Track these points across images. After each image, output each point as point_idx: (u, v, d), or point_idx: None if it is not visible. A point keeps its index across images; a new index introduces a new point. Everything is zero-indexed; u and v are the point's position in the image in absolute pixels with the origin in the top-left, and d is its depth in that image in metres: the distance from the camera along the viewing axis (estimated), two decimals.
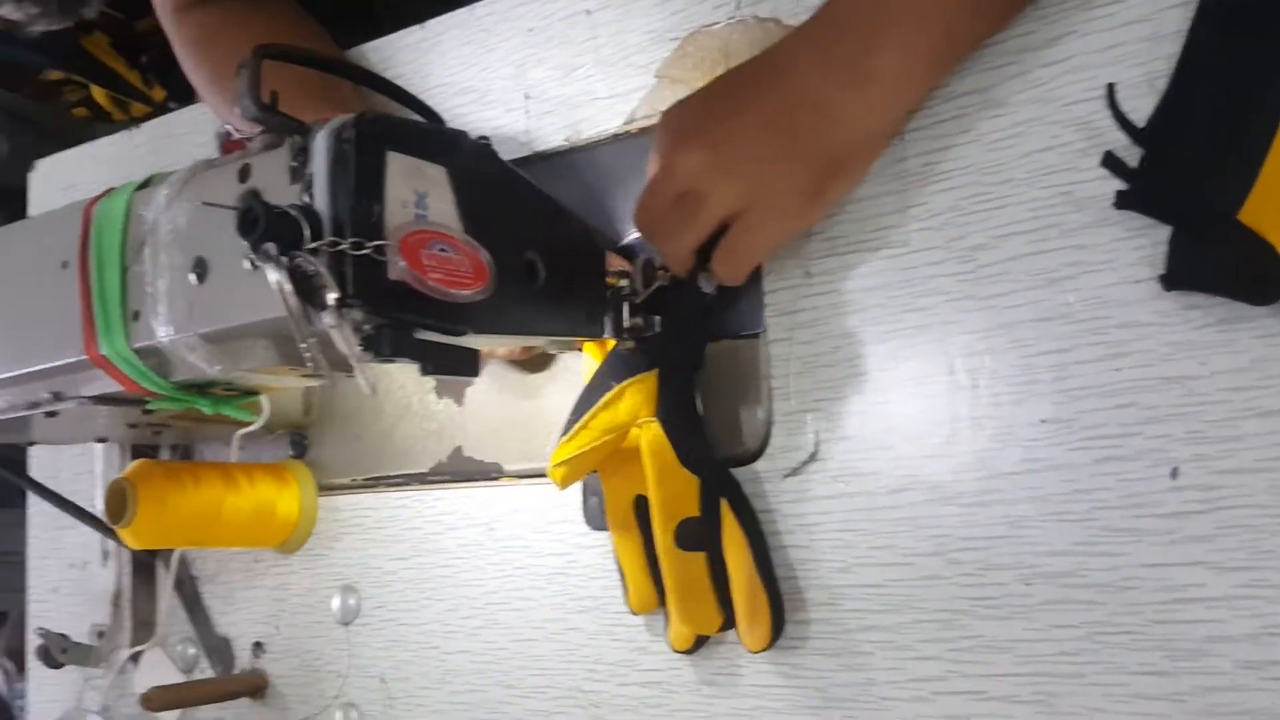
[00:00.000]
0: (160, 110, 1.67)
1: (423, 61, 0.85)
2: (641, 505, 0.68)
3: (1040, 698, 0.57)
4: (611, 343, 0.69)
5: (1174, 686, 0.54)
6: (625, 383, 0.66)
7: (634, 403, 0.66)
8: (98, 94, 1.72)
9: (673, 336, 0.68)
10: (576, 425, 0.66)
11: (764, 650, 0.64)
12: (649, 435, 0.66)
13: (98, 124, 1.96)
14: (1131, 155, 0.55)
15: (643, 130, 0.75)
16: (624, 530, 0.69)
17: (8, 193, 1.83)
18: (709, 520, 0.64)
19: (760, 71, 0.62)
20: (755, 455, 0.67)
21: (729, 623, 0.64)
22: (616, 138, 0.76)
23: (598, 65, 0.76)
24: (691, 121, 0.63)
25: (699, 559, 0.64)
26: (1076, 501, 0.57)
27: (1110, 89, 0.56)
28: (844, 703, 0.62)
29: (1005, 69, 0.60)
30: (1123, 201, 0.55)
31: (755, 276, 0.67)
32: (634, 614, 0.69)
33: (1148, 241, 0.55)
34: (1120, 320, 0.56)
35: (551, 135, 0.79)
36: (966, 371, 0.60)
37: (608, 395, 0.66)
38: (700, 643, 0.67)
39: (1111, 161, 0.55)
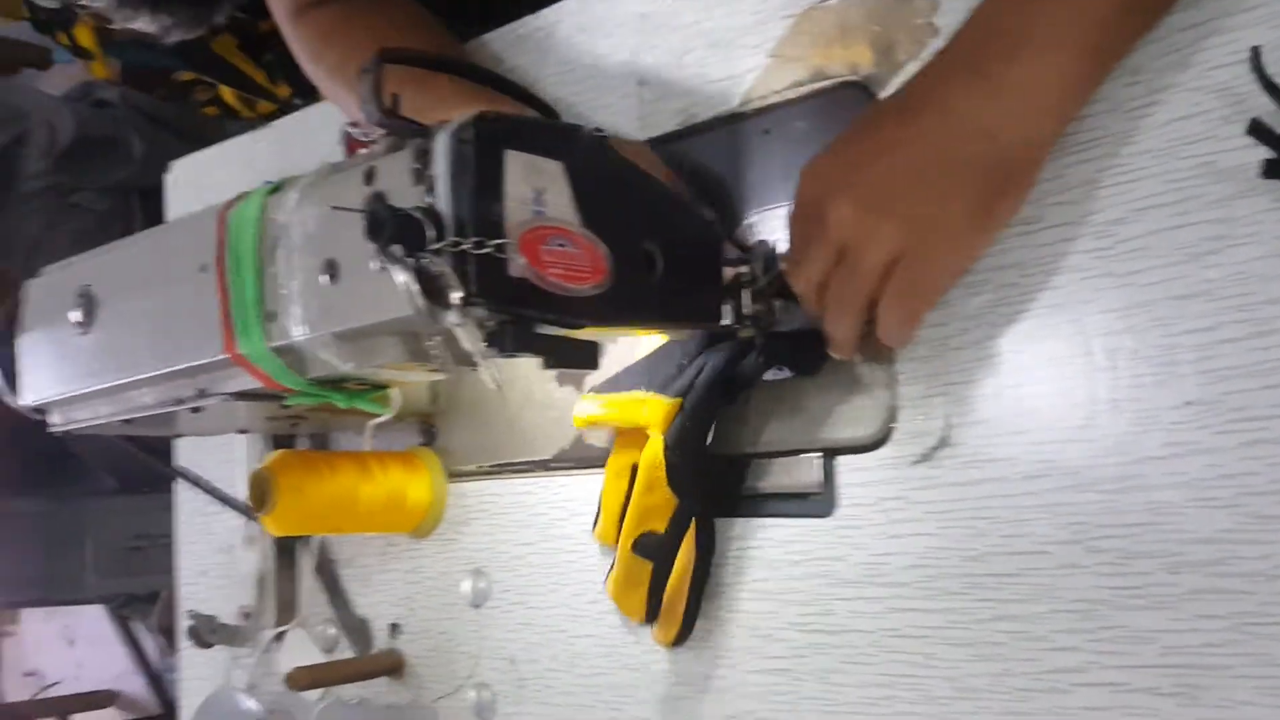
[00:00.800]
0: (286, 107, 1.72)
1: (538, 51, 0.86)
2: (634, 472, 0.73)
3: (1184, 690, 0.55)
4: None
5: None
6: (651, 396, 0.70)
7: (653, 415, 0.70)
8: (226, 93, 1.78)
9: (709, 383, 0.69)
10: (605, 398, 0.74)
11: (669, 646, 0.73)
12: (652, 448, 0.70)
13: (228, 121, 2.03)
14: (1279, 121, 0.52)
15: (757, 110, 0.74)
16: (616, 480, 0.75)
17: (146, 192, 1.92)
18: (670, 542, 0.70)
19: (902, 105, 0.59)
20: (880, 442, 0.66)
21: (651, 619, 0.72)
22: (731, 119, 0.75)
23: (710, 48, 0.75)
24: (836, 171, 0.59)
25: (646, 566, 0.70)
26: (1223, 487, 0.54)
27: (1255, 52, 0.53)
28: (976, 693, 0.61)
29: None
30: (1270, 170, 0.52)
31: None
32: (596, 541, 0.77)
33: None
34: (1267, 296, 0.54)
35: (666, 120, 0.78)
36: (1105, 352, 0.58)
37: (636, 394, 0.72)
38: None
39: (1258, 129, 0.52)
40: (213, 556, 1.12)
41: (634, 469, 0.72)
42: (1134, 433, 0.57)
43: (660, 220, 0.62)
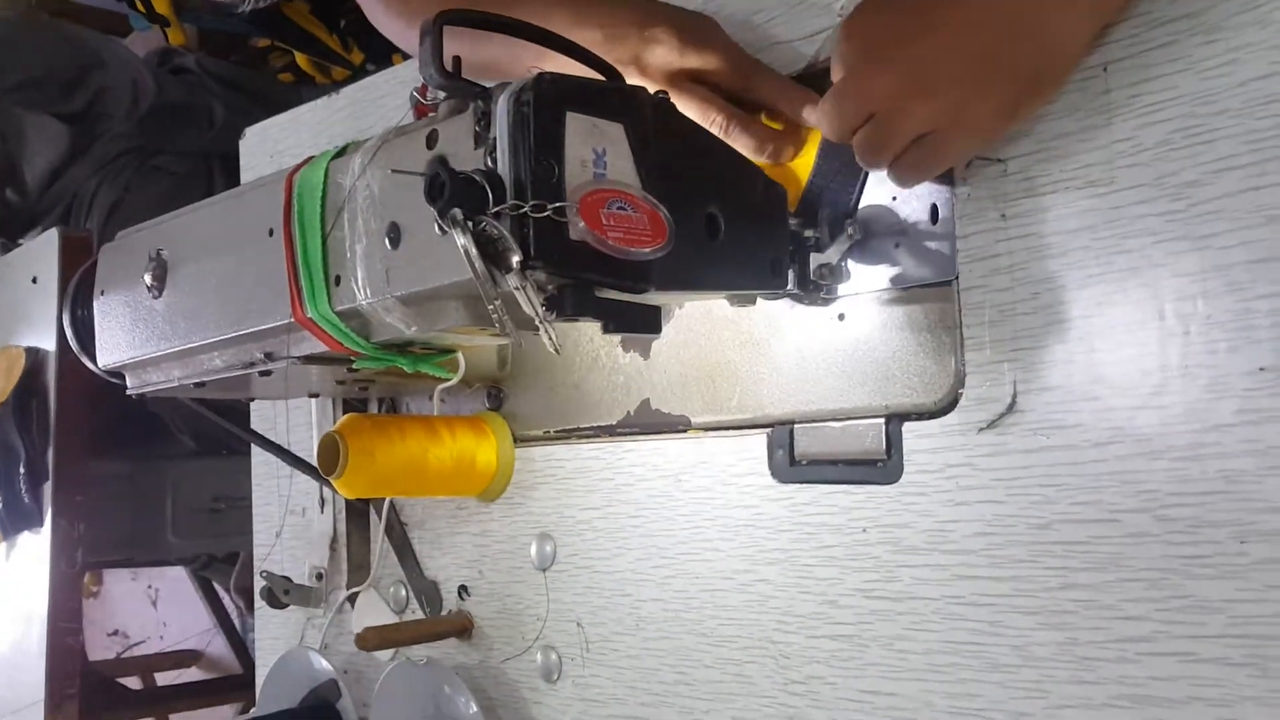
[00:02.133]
0: (360, 73, 1.73)
1: None
2: None
3: (1255, 660, 0.54)
4: None
5: None
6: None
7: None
8: (300, 59, 1.80)
9: None
10: None
11: None
12: None
13: (303, 87, 2.05)
14: None
15: (825, 72, 0.73)
16: None
17: (227, 157, 1.94)
18: None
19: None
20: (949, 408, 0.65)
21: None
22: (801, 79, 0.74)
23: (781, 6, 0.74)
24: (881, 37, 0.60)
25: None
26: None
27: None
28: (1042, 662, 0.60)
29: None
30: None
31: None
32: None
33: None
34: None
35: None
36: (1178, 317, 0.57)
37: None
38: None
39: None
40: (287, 518, 1.15)
41: None
42: (1206, 399, 0.56)
43: (724, 183, 0.62)
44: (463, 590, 0.95)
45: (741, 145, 0.70)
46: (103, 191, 1.82)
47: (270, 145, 1.19)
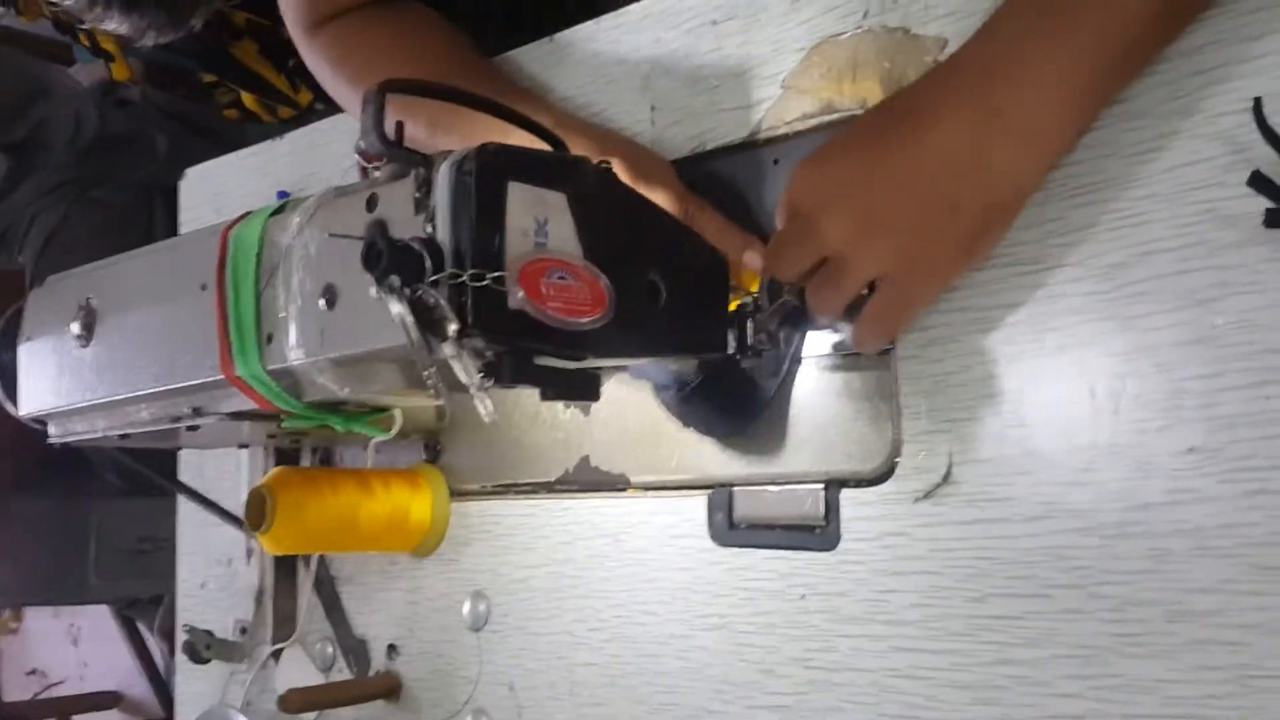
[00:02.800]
0: (307, 113, 1.72)
1: (551, 74, 0.85)
2: None
3: None
4: None
5: None
6: None
7: None
8: (247, 98, 1.78)
9: None
10: None
11: None
12: None
13: (249, 124, 2.03)
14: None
15: (768, 140, 0.74)
16: None
17: (168, 191, 1.91)
18: None
19: (904, 124, 0.58)
20: (886, 476, 0.66)
21: None
22: (743, 148, 0.75)
23: (723, 76, 0.75)
24: (836, 182, 0.60)
25: None
26: (1224, 536, 0.54)
27: (1258, 103, 0.52)
28: None
29: (1147, 78, 0.57)
30: (1272, 220, 0.52)
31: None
32: None
33: None
34: (1270, 345, 0.53)
35: (678, 146, 0.78)
36: (1108, 395, 0.58)
37: None
38: None
39: (1258, 180, 0.51)
40: (212, 568, 1.12)
41: None
42: (1136, 478, 0.56)
43: (665, 250, 0.62)
44: (392, 649, 0.94)
45: None
46: (39, 222, 1.78)
47: (211, 187, 1.18)
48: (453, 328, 0.50)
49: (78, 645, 2.89)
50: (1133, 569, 0.56)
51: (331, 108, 1.06)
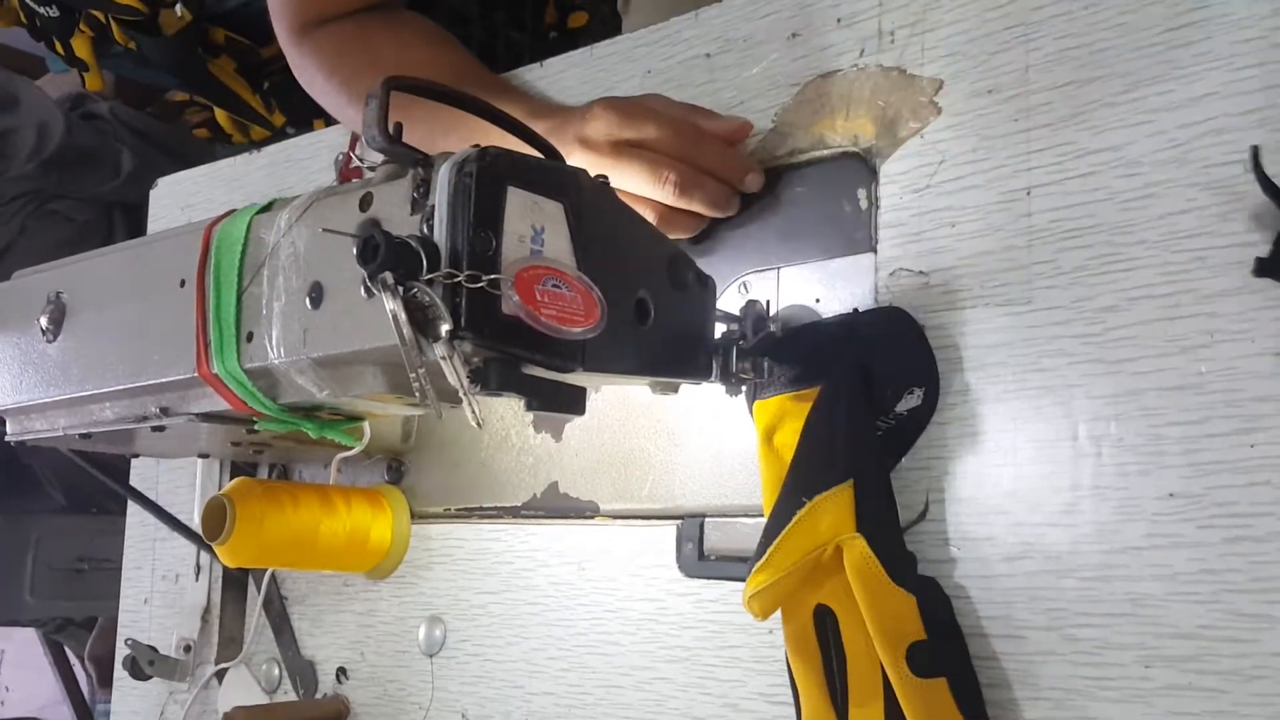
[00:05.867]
0: (279, 135, 1.71)
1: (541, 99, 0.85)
2: (819, 616, 0.62)
3: None
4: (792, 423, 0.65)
5: None
6: (819, 497, 0.60)
7: (834, 518, 0.60)
8: (220, 116, 1.77)
9: (865, 437, 0.62)
10: (770, 548, 0.60)
11: None
12: (854, 554, 0.59)
13: (218, 145, 2.02)
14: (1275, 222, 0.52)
15: (764, 172, 0.74)
16: (803, 648, 0.62)
17: (130, 208, 1.89)
18: (942, 641, 0.59)
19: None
20: None
21: None
22: None
23: (716, 109, 0.75)
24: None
25: (940, 685, 0.57)
26: (1203, 582, 0.54)
27: (1254, 152, 0.53)
28: None
29: (1141, 127, 0.58)
30: (1261, 269, 0.53)
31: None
32: None
33: None
34: (1256, 394, 0.53)
35: None
36: (1091, 438, 0.58)
37: (801, 513, 0.60)
38: None
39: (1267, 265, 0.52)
40: (158, 584, 1.09)
41: (821, 617, 0.62)
42: (1116, 521, 0.56)
43: (656, 270, 0.62)
44: (341, 673, 0.91)
45: (698, 204, 0.70)
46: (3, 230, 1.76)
47: (183, 198, 1.16)
48: (445, 328, 0.50)
49: (1, 670, 2.80)
50: (1110, 612, 0.56)
51: (303, 130, 1.06)
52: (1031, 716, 0.57)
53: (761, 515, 0.65)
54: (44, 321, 0.75)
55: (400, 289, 0.50)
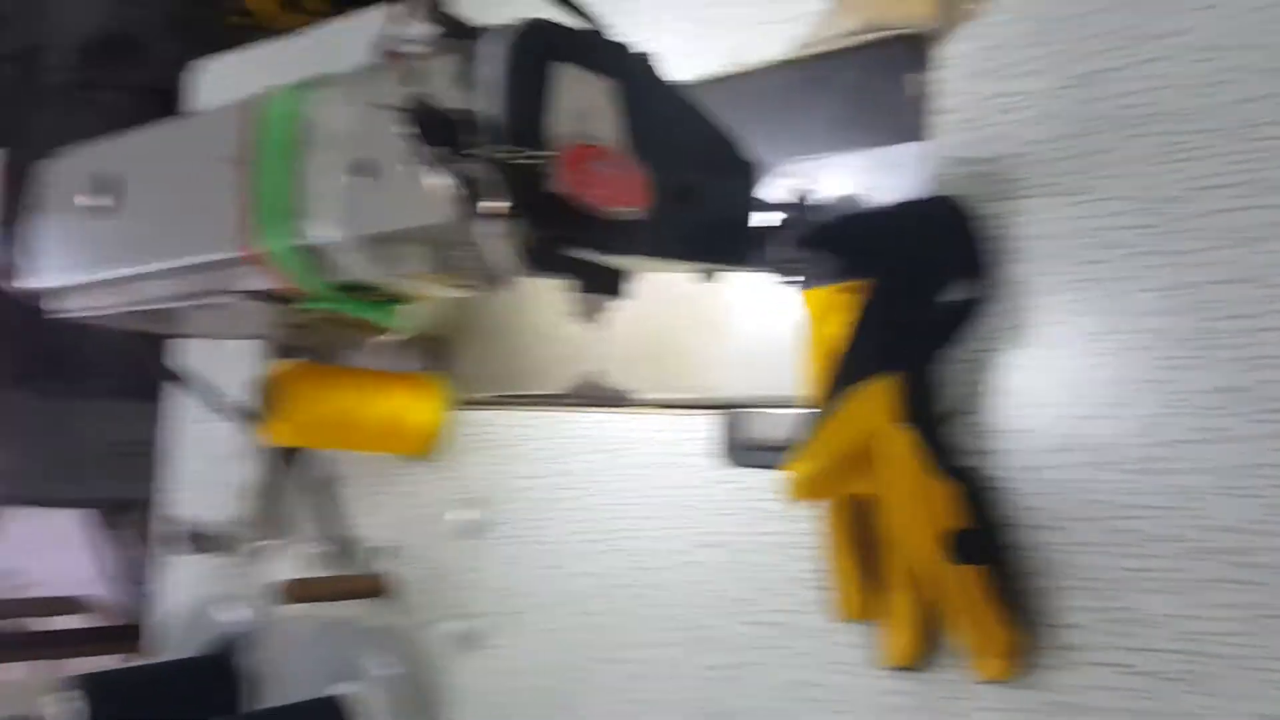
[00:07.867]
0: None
1: None
2: (859, 504, 0.63)
3: (1189, 676, 0.54)
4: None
5: None
6: (866, 387, 0.60)
7: (879, 408, 0.60)
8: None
9: (913, 328, 0.62)
10: (815, 436, 0.61)
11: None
12: (898, 443, 0.60)
13: (253, 33, 1.99)
14: None
15: (807, 58, 0.72)
16: (841, 534, 0.63)
17: (167, 94, 1.88)
18: (982, 530, 0.59)
19: None
20: None
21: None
22: (781, 65, 0.73)
23: None
24: None
25: (980, 573, 0.58)
26: (1250, 476, 0.53)
27: None
28: None
29: (1211, 10, 0.56)
30: None
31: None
32: (848, 620, 0.64)
33: None
34: None
35: (713, 61, 0.77)
36: (1142, 331, 0.57)
37: (847, 402, 0.61)
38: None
39: None
40: (201, 465, 1.11)
41: (860, 504, 0.63)
42: (1163, 414, 0.56)
43: (704, 153, 0.61)
44: (385, 551, 0.93)
45: None
46: (42, 124, 1.76)
47: (219, 81, 1.15)
48: (495, 205, 0.49)
49: (47, 548, 2.87)
50: (1152, 504, 0.56)
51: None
52: (1071, 605, 0.58)
53: (801, 406, 0.65)
54: (89, 199, 0.75)
55: (450, 164, 0.49)
